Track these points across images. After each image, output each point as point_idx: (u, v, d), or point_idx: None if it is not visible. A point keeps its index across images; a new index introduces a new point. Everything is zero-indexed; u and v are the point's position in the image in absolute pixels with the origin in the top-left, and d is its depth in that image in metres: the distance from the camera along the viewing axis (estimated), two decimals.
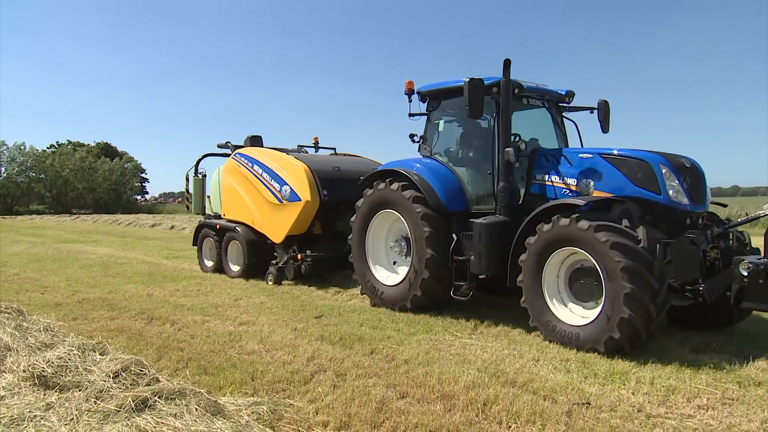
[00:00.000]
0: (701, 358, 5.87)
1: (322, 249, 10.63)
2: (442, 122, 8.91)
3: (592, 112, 8.78)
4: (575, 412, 4.41)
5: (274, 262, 11.02)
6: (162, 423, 3.66)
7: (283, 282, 10.76)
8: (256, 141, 12.53)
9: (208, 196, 13.61)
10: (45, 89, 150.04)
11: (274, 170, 10.77)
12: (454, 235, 7.76)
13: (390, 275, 8.72)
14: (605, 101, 8.73)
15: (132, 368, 4.78)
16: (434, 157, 8.66)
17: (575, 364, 5.64)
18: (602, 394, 4.86)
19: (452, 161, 8.58)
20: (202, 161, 13.84)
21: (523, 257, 6.69)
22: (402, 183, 8.14)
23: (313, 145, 13.52)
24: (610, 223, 5.95)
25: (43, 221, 41.94)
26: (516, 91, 7.59)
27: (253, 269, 11.24)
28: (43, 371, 4.71)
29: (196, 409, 3.93)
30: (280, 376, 5.28)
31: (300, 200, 10.07)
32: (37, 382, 4.62)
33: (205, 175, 13.62)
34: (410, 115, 8.98)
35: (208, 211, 13.53)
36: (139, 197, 77.92)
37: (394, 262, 8.89)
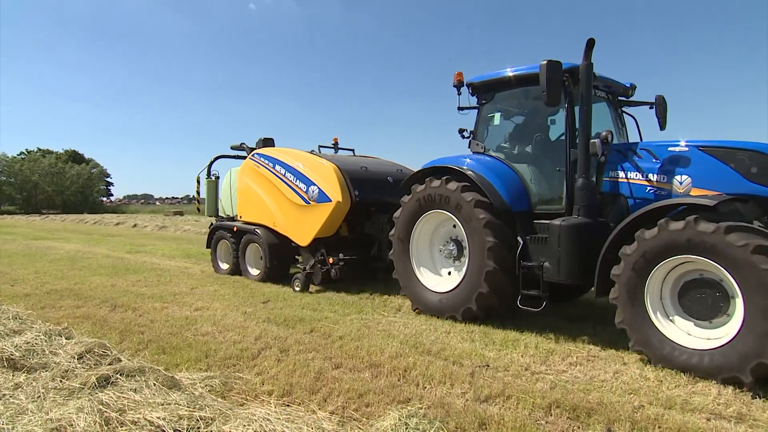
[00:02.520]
0: (574, 327, 6.16)
1: (350, 252, 8.72)
2: (497, 116, 7.02)
3: (651, 108, 7.10)
4: (477, 373, 4.53)
5: (300, 266, 9.13)
6: (123, 397, 3.49)
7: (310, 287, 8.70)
8: (268, 143, 10.58)
9: (220, 199, 11.55)
10: (16, 103, 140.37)
11: (300, 170, 8.82)
12: (519, 239, 6.02)
13: (438, 281, 6.87)
14: (662, 96, 7.06)
15: (95, 350, 4.53)
16: (489, 153, 6.86)
17: (478, 335, 5.78)
18: (498, 357, 5.01)
19: (510, 158, 6.73)
20: (214, 163, 11.85)
21: (617, 270, 4.95)
22: (462, 183, 6.30)
23: (332, 145, 11.21)
24: (743, 224, 4.35)
25: (14, 221, 38.98)
26: None
27: (276, 273, 9.38)
28: (11, 354, 4.41)
29: (155, 384, 3.77)
30: (231, 354, 5.14)
31: (330, 201, 8.20)
32: (6, 364, 4.31)
33: (218, 177, 11.60)
34: (459, 108, 7.12)
35: (221, 213, 11.46)
36: (104, 199, 73.99)
37: (440, 266, 7.07)
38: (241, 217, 10.23)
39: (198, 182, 11.84)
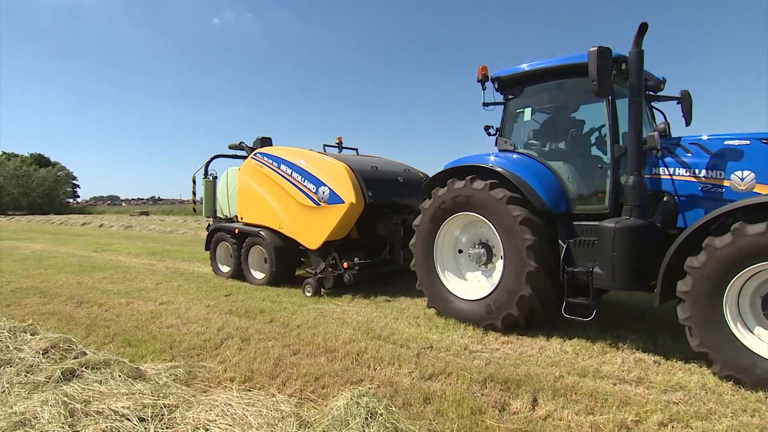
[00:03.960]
0: None
1: (361, 255, 7.56)
2: (527, 111, 5.96)
3: (678, 103, 6.07)
4: (422, 354, 4.57)
5: (311, 270, 7.76)
6: (88, 389, 3.30)
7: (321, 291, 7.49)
8: (266, 142, 9.20)
9: (218, 199, 10.11)
10: None
11: (308, 170, 7.60)
12: (561, 243, 5.06)
13: (467, 288, 5.80)
14: (687, 91, 6.05)
15: (61, 345, 4.25)
16: (518, 150, 5.82)
17: (423, 321, 5.80)
18: (441, 339, 5.06)
19: (542, 155, 5.68)
20: (211, 163, 10.28)
21: (684, 285, 3.99)
22: (490, 181, 5.30)
23: (336, 144, 9.75)
24: None
25: None
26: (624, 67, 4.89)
27: (282, 276, 8.15)
28: None
29: (120, 375, 3.59)
30: (194, 344, 4.95)
31: (343, 202, 7.08)
32: None
33: (216, 177, 10.07)
34: (484, 104, 6.07)
35: (218, 214, 10.02)
36: (71, 200, 69.64)
37: (467, 271, 5.98)
38: (242, 218, 8.87)
39: (194, 182, 10.31)
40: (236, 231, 8.73)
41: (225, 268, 9.24)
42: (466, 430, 3.12)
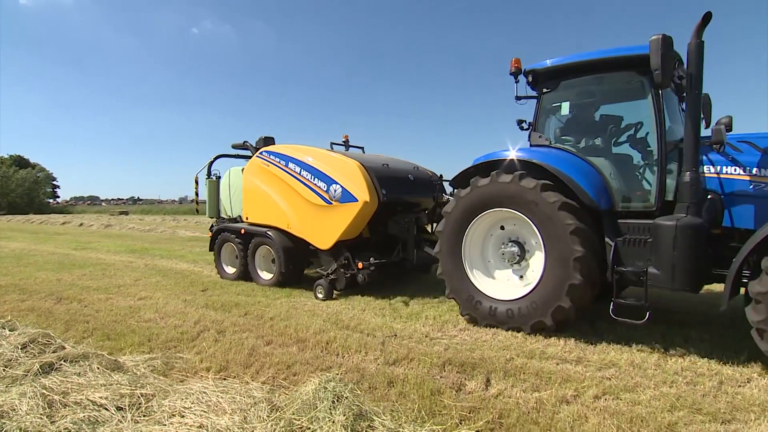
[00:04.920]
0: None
1: (371, 254, 6.88)
2: (565, 105, 5.38)
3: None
4: (387, 342, 4.62)
5: (322, 271, 7.01)
6: (67, 381, 3.21)
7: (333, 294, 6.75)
8: (269, 141, 8.40)
9: (221, 200, 9.17)
10: None
11: (319, 168, 6.87)
12: (609, 241, 4.52)
13: (495, 287, 5.17)
14: (707, 94, 5.21)
15: (39, 339, 4.09)
16: (555, 145, 5.22)
17: (388, 311, 5.84)
18: (404, 328, 5.12)
19: (579, 151, 5.08)
20: (214, 162, 9.37)
21: (761, 285, 3.56)
22: (542, 181, 4.68)
23: (343, 143, 8.81)
24: None
25: None
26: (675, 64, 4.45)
27: (291, 277, 7.44)
28: None
29: (98, 368, 3.49)
30: (172, 337, 4.86)
31: (357, 201, 6.40)
32: None
33: (219, 177, 9.18)
34: (517, 98, 5.49)
35: (222, 215, 9.12)
36: (51, 201, 66.53)
37: (495, 269, 5.34)
38: (247, 218, 8.04)
39: (196, 182, 9.40)
40: (242, 231, 7.95)
41: (230, 270, 8.37)
42: (425, 409, 3.18)
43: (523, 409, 3.19)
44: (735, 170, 4.26)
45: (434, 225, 6.97)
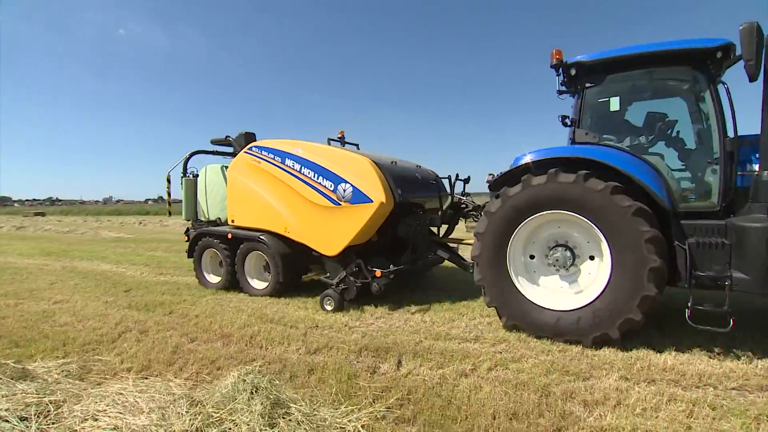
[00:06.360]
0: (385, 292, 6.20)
1: (381, 259, 5.89)
2: (614, 101, 4.57)
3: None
4: (309, 333, 4.57)
5: (328, 280, 5.88)
6: None
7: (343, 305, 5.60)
8: (250, 137, 7.17)
9: (199, 201, 7.79)
10: None
11: (324, 165, 5.69)
12: (679, 243, 3.90)
13: (551, 296, 4.39)
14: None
15: None
16: (603, 143, 4.52)
17: (311, 304, 5.73)
18: (325, 319, 5.09)
19: (634, 149, 4.38)
20: (190, 159, 7.88)
21: None
22: (613, 183, 3.96)
23: (338, 138, 7.38)
24: None
25: None
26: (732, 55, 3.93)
27: (289, 286, 6.26)
28: None
29: (1, 378, 3.07)
30: (90, 339, 4.42)
31: (371, 201, 5.35)
32: None
33: (196, 175, 7.78)
34: (559, 92, 4.83)
35: (201, 217, 7.71)
36: None
37: (540, 275, 4.55)
38: (233, 221, 6.75)
39: (168, 182, 7.79)
40: (229, 236, 6.56)
41: (214, 279, 6.98)
42: (342, 392, 3.21)
43: (429, 385, 3.34)
44: None
45: (439, 227, 6.34)
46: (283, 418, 2.50)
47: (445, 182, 6.24)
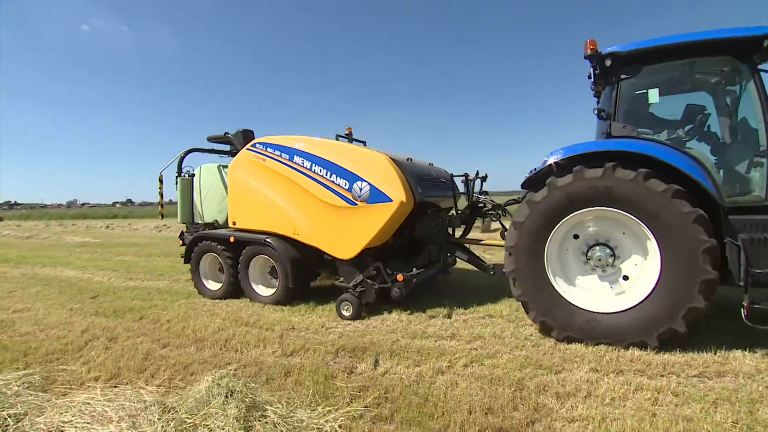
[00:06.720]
0: None
1: (400, 264, 5.55)
2: (654, 92, 4.32)
3: None
4: (285, 335, 4.52)
5: (344, 284, 5.44)
6: None
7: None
8: (248, 135, 6.81)
9: (195, 202, 7.32)
10: None
11: (337, 163, 5.31)
12: (731, 240, 3.75)
13: (594, 297, 4.15)
14: None
15: None
16: (643, 136, 4.27)
17: (287, 309, 5.59)
18: (302, 321, 5.05)
19: (674, 142, 4.18)
20: (185, 158, 7.36)
21: None
22: (669, 179, 3.77)
23: (346, 135, 6.94)
24: None
25: None
26: None
27: (298, 292, 5.82)
28: None
29: None
30: (54, 349, 4.23)
31: (390, 201, 4.99)
32: None
33: (192, 175, 7.30)
34: (594, 84, 4.69)
35: (197, 219, 7.26)
36: None
37: (576, 275, 4.32)
38: (234, 223, 6.32)
39: (160, 182, 7.23)
40: (231, 240, 6.11)
41: (214, 285, 6.49)
42: (319, 393, 3.19)
43: (406, 383, 3.36)
44: None
45: (458, 227, 6.06)
46: (259, 420, 2.47)
47: (459, 180, 5.98)
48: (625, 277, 4.12)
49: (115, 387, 3.33)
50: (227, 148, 7.37)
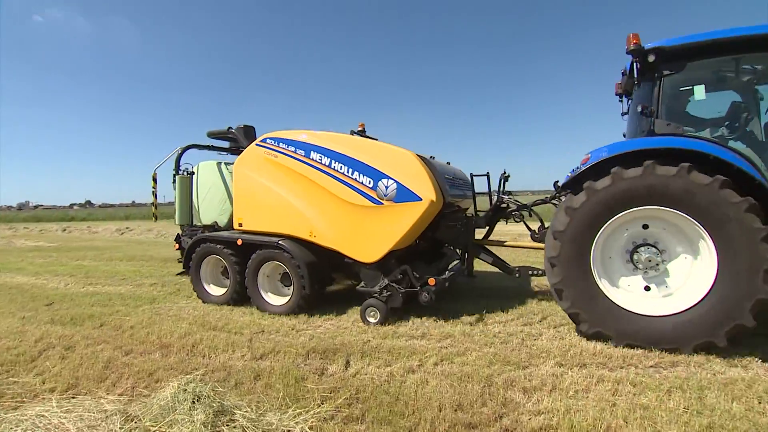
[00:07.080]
0: (328, 294, 6.24)
1: (424, 267, 5.34)
2: (700, 89, 4.15)
3: None
4: (254, 338, 4.45)
5: (367, 288, 5.13)
6: None
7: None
8: (249, 131, 6.46)
9: (193, 202, 6.85)
10: None
11: (360, 159, 4.95)
12: None
13: (643, 300, 3.97)
14: None
15: None
16: (689, 134, 4.17)
17: (255, 311, 5.49)
18: (272, 324, 4.98)
19: (723, 141, 4.10)
20: (183, 155, 6.89)
21: None
22: (722, 177, 3.59)
23: (359, 131, 6.40)
24: None
25: None
26: None
27: (315, 299, 5.40)
28: None
29: None
30: (3, 360, 3.98)
31: (420, 200, 4.69)
32: None
33: (192, 173, 6.80)
34: (635, 81, 4.49)
35: (195, 221, 6.80)
36: None
37: (619, 277, 4.13)
38: (241, 224, 5.86)
39: (154, 180, 6.65)
40: (239, 242, 5.68)
41: (217, 291, 6.06)
42: (290, 396, 3.16)
43: (377, 383, 3.38)
44: None
45: (482, 228, 5.84)
46: (227, 425, 2.42)
47: (481, 180, 5.84)
48: (664, 279, 3.98)
49: (73, 398, 3.18)
50: (226, 144, 6.99)
